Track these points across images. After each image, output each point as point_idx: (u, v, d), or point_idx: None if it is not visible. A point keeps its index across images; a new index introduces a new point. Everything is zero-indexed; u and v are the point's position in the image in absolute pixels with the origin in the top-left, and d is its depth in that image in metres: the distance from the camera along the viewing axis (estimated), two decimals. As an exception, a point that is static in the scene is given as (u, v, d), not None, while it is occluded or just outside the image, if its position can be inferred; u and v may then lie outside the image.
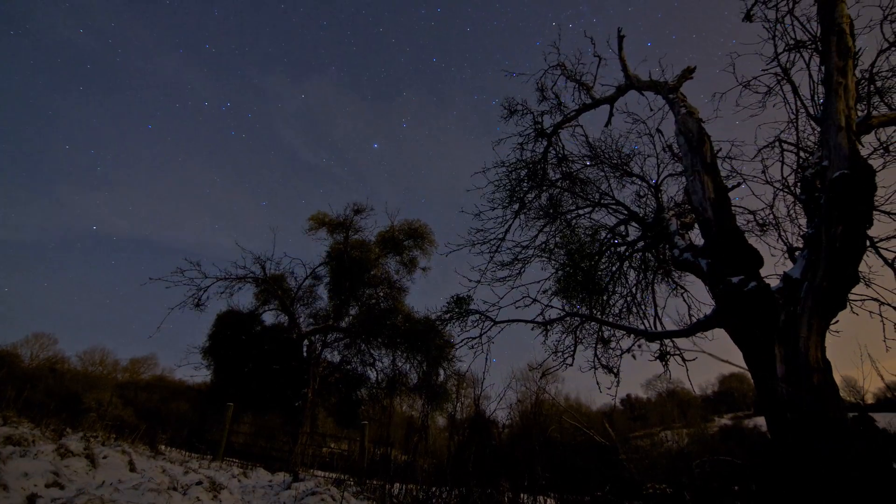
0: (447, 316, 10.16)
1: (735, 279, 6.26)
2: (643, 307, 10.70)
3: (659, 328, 9.96)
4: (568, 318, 9.65)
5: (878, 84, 8.12)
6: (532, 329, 9.32)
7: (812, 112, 7.85)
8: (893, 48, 7.54)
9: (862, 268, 8.15)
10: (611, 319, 10.62)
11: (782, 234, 9.11)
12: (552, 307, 9.59)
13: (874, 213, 7.75)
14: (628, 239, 10.89)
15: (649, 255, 10.81)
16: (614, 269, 10.87)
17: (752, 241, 10.16)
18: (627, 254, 10.81)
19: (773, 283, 6.38)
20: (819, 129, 7.04)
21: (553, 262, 10.85)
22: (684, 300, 10.83)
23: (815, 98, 7.81)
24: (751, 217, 9.98)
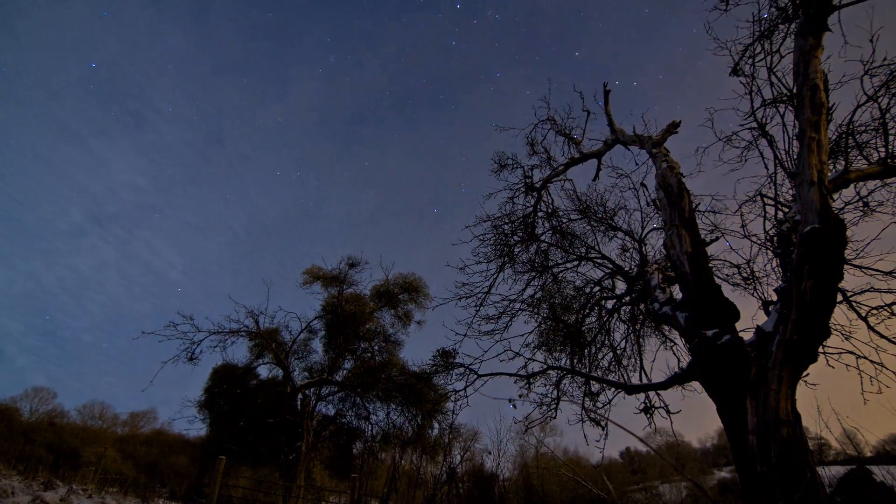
0: (433, 369, 10.18)
1: (709, 332, 6.27)
2: (633, 360, 10.66)
3: (645, 381, 9.89)
4: (550, 372, 9.61)
5: (857, 138, 8.16)
6: (515, 382, 9.30)
7: (788, 167, 7.95)
8: (872, 101, 7.60)
9: (842, 321, 8.14)
10: (598, 373, 10.58)
11: (758, 287, 9.14)
12: (535, 360, 9.57)
13: (848, 266, 7.81)
14: (616, 293, 10.92)
15: (638, 309, 10.80)
16: (603, 321, 10.86)
17: (738, 294, 10.22)
18: (615, 307, 10.82)
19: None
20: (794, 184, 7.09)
21: (538, 315, 10.87)
22: (674, 353, 10.80)
23: (791, 152, 7.92)
24: (735, 270, 10.01)
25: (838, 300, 7.56)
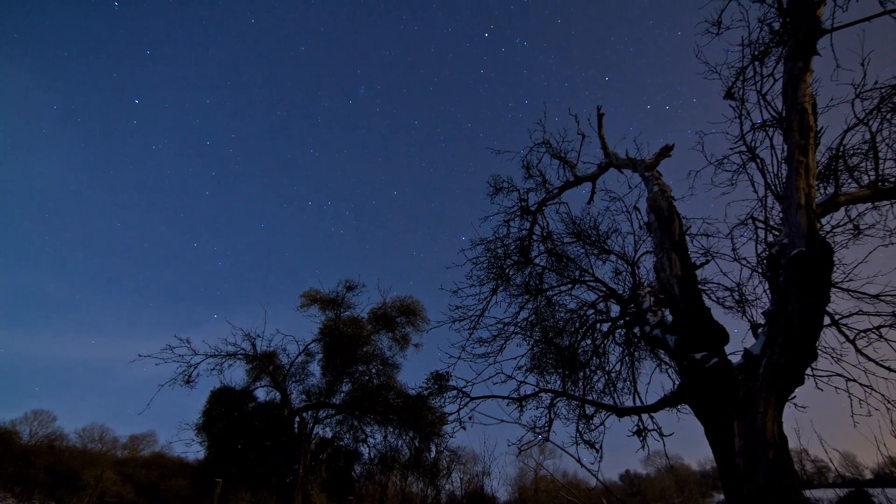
0: (426, 392, 10.16)
1: (698, 355, 6.28)
2: (628, 382, 10.63)
3: (638, 404, 9.86)
4: (542, 394, 9.56)
5: (848, 161, 8.11)
6: (508, 405, 9.23)
7: (777, 190, 7.94)
8: (863, 124, 7.58)
9: (833, 344, 8.14)
10: (593, 396, 10.54)
11: (748, 310, 9.14)
12: (527, 384, 9.52)
13: (836, 290, 7.81)
14: (611, 315, 10.90)
15: (632, 332, 10.77)
16: (598, 344, 10.83)
17: (730, 317, 10.22)
18: (610, 330, 10.79)
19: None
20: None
21: (531, 339, 10.86)
22: (668, 375, 10.77)
23: (780, 176, 7.92)
24: (727, 294, 10.00)
25: (827, 323, 7.58)
